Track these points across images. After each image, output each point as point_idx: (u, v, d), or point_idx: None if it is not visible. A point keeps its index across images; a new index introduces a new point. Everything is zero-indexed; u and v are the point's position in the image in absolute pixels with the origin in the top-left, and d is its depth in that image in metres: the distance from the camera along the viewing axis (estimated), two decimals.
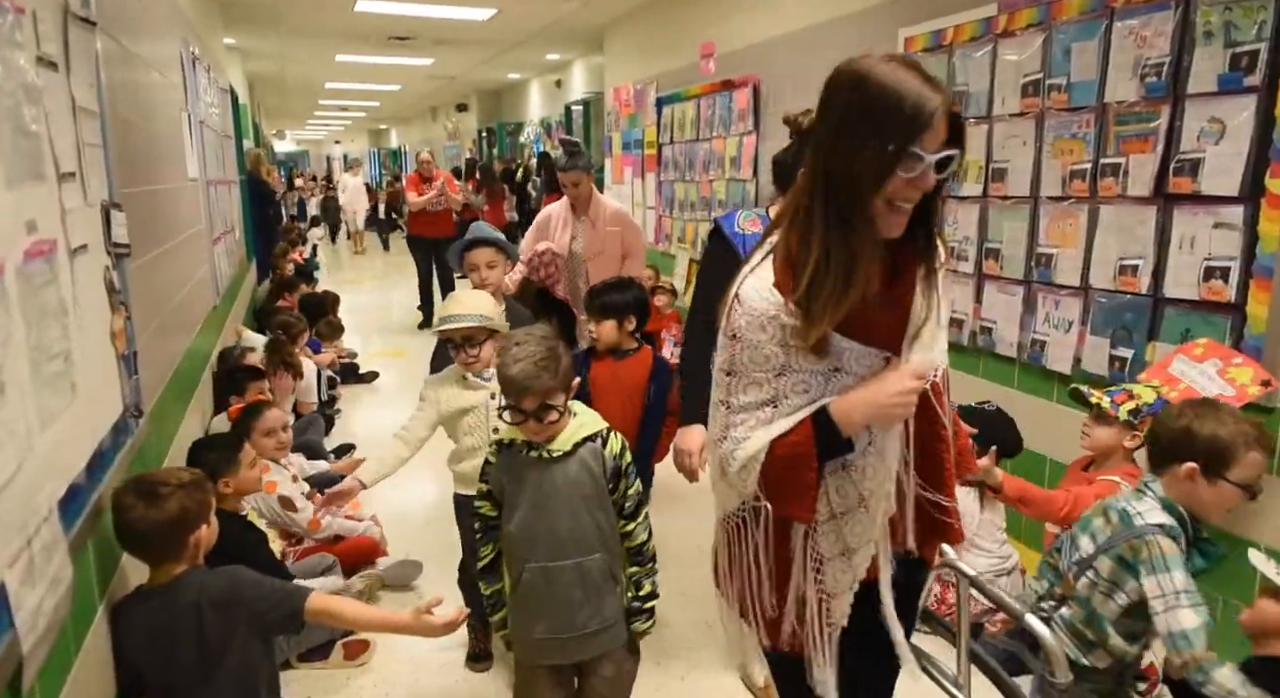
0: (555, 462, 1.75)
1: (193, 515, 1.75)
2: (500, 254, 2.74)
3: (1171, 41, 2.48)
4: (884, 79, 1.17)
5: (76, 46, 1.77)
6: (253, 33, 8.06)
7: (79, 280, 1.63)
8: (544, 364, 1.68)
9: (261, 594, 1.75)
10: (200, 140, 4.27)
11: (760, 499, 1.29)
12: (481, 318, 2.25)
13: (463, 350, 2.27)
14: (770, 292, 1.23)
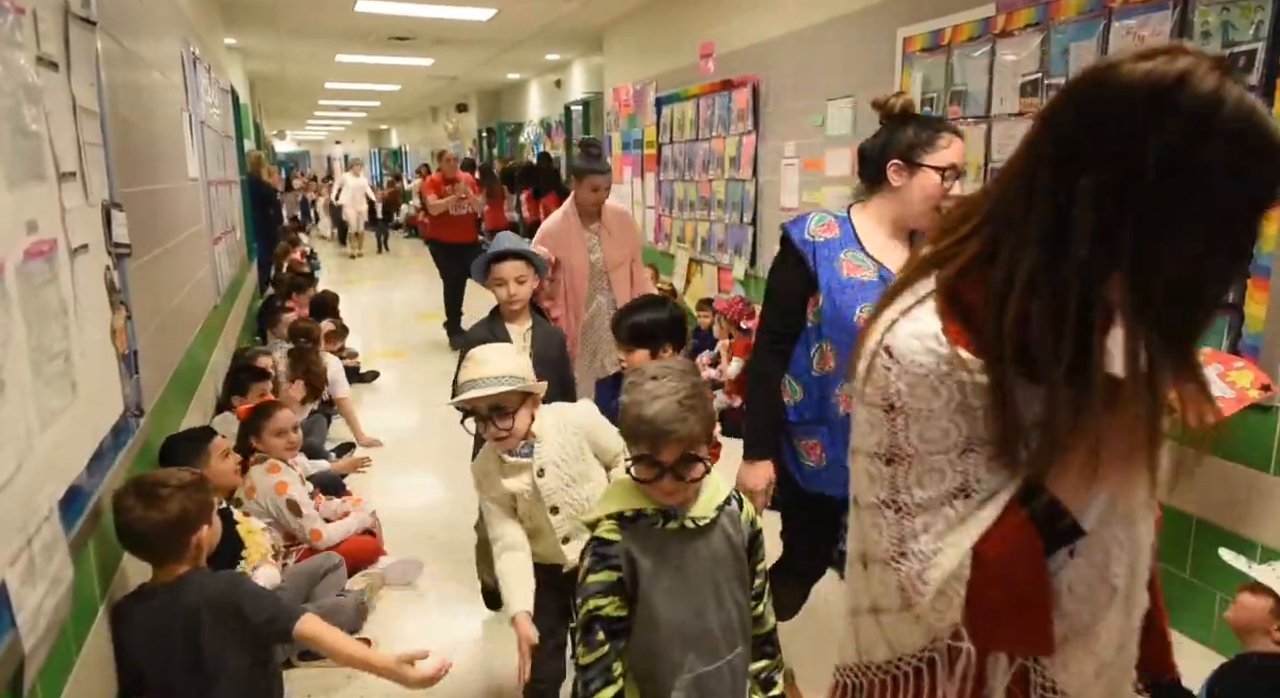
0: (699, 534, 1.41)
1: (193, 516, 1.76)
2: (530, 267, 2.50)
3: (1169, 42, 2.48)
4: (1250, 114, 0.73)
5: (77, 46, 1.77)
6: (253, 33, 8.07)
7: (79, 280, 1.64)
8: (690, 403, 1.34)
9: (257, 607, 1.74)
10: (201, 140, 4.28)
11: (962, 637, 0.88)
12: (511, 380, 1.78)
13: (491, 423, 1.79)
14: (938, 341, 0.86)
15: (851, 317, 1.75)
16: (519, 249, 2.53)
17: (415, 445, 4.58)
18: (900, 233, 1.85)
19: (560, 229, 3.47)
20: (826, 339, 1.81)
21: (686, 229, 6.30)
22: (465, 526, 3.54)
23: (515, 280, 2.46)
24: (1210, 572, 2.50)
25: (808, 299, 1.84)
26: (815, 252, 1.82)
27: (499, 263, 2.47)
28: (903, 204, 1.80)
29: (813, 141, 4.55)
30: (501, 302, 2.50)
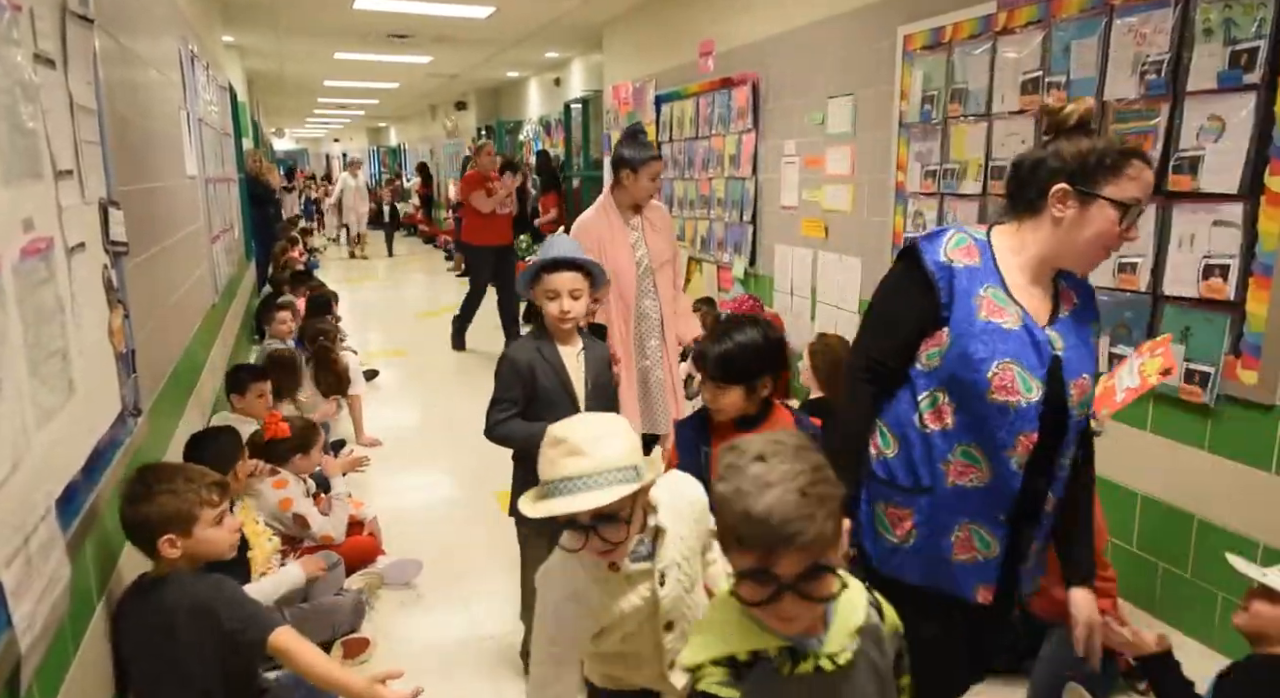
0: (840, 676, 1.06)
1: (172, 520, 1.72)
2: (587, 279, 2.13)
3: (1171, 39, 2.48)
4: None
5: (74, 44, 1.76)
6: (251, 30, 8.05)
7: (76, 278, 1.63)
8: (816, 493, 0.98)
9: (234, 614, 1.72)
10: (199, 138, 4.27)
11: None
12: (627, 475, 1.27)
13: (595, 536, 1.29)
14: None
15: (985, 372, 1.41)
16: (576, 257, 2.12)
17: (415, 445, 4.58)
18: (1046, 273, 1.50)
19: (600, 225, 3.07)
20: (944, 390, 1.47)
21: (686, 227, 6.29)
22: (464, 525, 3.54)
23: (570, 295, 2.08)
24: (1211, 572, 2.49)
25: (926, 333, 1.48)
26: (952, 280, 1.45)
27: (551, 273, 2.09)
28: (1062, 240, 1.44)
29: (813, 140, 4.54)
30: (551, 318, 2.11)
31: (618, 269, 2.97)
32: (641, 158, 3.01)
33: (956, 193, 3.39)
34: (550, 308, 2.11)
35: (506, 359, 2.14)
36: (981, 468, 1.46)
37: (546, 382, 2.12)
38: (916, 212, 3.68)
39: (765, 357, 1.88)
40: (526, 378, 2.11)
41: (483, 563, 3.18)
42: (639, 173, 3.01)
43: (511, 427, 2.11)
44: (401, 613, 2.84)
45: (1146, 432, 2.67)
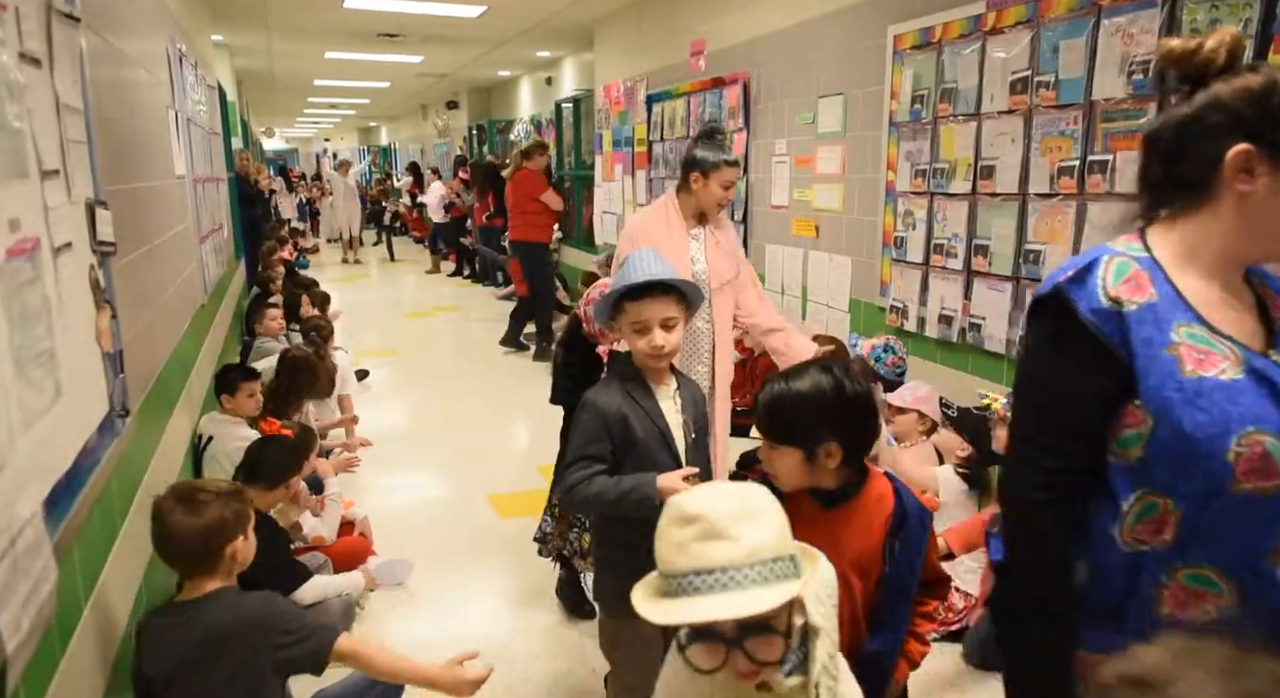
0: None
1: (230, 525, 1.74)
2: (683, 306, 1.76)
3: (1158, 39, 2.49)
4: None
5: (60, 43, 1.75)
6: (241, 29, 8.02)
7: (63, 278, 1.62)
8: None
9: (290, 628, 1.70)
10: (187, 137, 4.24)
11: None
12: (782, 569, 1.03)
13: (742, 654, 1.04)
14: None
15: (1222, 451, 0.98)
16: (672, 279, 1.71)
17: (405, 445, 4.57)
18: (1236, 276, 1.09)
19: (658, 225, 2.75)
20: (1161, 492, 1.03)
21: None
22: (455, 526, 3.54)
23: (663, 326, 1.71)
24: None
25: (1112, 412, 1.06)
26: (1128, 330, 1.03)
27: (637, 300, 1.70)
28: (1257, 223, 1.03)
29: (804, 139, 4.55)
30: (641, 355, 1.75)
31: None
32: (714, 161, 2.69)
33: (946, 192, 3.41)
34: (639, 344, 1.73)
35: (591, 408, 1.76)
36: (1224, 594, 1.02)
37: (643, 432, 1.75)
38: (906, 211, 3.69)
39: (832, 414, 1.38)
40: (617, 430, 1.74)
41: (474, 564, 3.18)
42: (709, 178, 2.71)
43: (599, 485, 1.71)
44: (392, 614, 2.84)
45: None
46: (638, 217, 2.91)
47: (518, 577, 3.06)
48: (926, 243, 3.56)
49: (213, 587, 1.73)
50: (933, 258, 3.53)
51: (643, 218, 2.87)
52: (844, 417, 1.39)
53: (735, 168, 2.75)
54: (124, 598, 1.97)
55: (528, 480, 3.99)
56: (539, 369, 6.20)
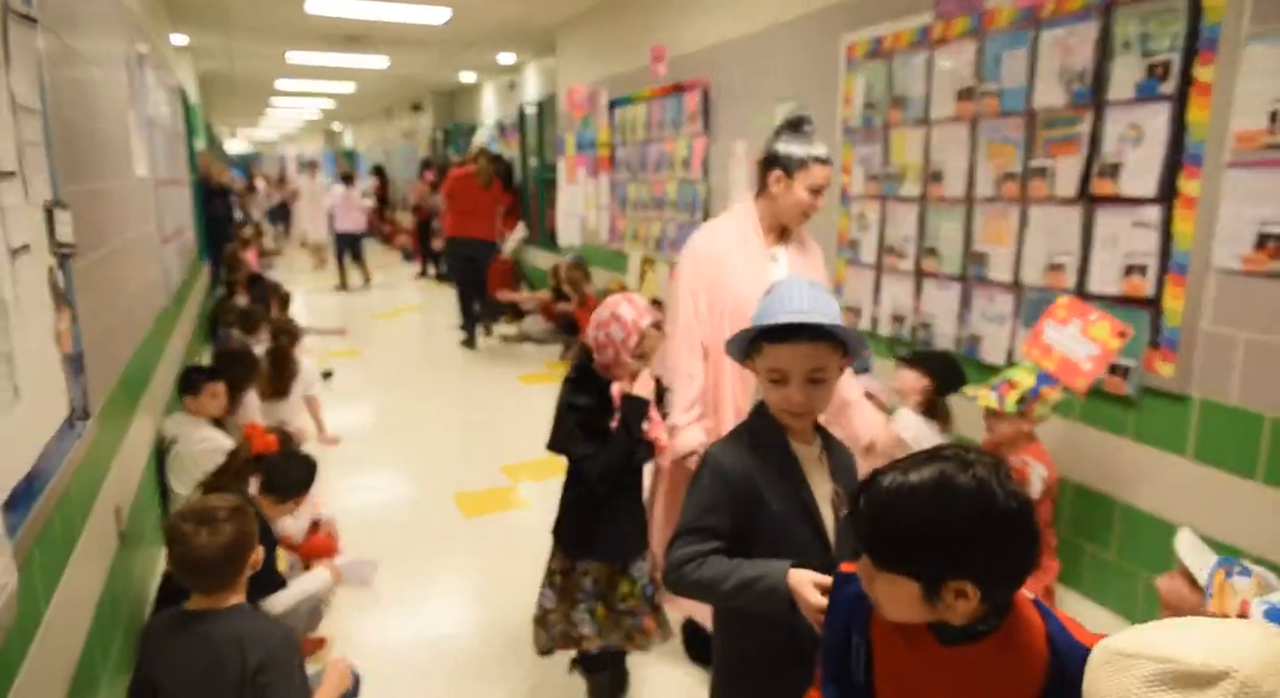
0: None
1: (249, 539, 1.79)
2: (838, 355, 1.40)
3: (1093, 51, 2.61)
4: None
5: (16, 44, 1.76)
6: (201, 31, 7.93)
7: (21, 280, 1.63)
8: None
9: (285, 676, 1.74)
10: (149, 139, 4.21)
11: None
12: None
13: None
14: None
15: None
16: (826, 323, 1.36)
17: (370, 445, 4.57)
18: None
19: (730, 239, 2.29)
20: None
21: (639, 228, 6.36)
22: (420, 524, 3.56)
23: (808, 378, 1.37)
24: (1133, 552, 2.63)
25: None
26: None
27: (781, 343, 1.38)
28: None
29: (761, 143, 4.63)
30: (777, 408, 1.43)
31: (738, 308, 2.14)
32: (799, 158, 2.19)
33: (897, 196, 3.51)
34: (774, 397, 1.42)
35: (714, 468, 1.43)
36: None
37: (779, 504, 1.41)
38: (860, 214, 3.79)
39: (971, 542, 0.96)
40: (744, 499, 1.40)
41: (440, 563, 3.21)
42: (794, 179, 2.19)
43: (715, 568, 1.35)
44: (357, 613, 2.85)
45: (1075, 421, 2.80)
46: (708, 226, 2.38)
47: (483, 576, 3.09)
48: (879, 245, 3.66)
49: (231, 601, 1.77)
50: (885, 259, 3.63)
51: (713, 229, 2.35)
52: (988, 546, 0.95)
53: (826, 166, 2.21)
54: (86, 603, 1.98)
55: (492, 480, 4.02)
56: (503, 369, 6.22)
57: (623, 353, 2.02)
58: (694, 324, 2.29)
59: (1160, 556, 2.54)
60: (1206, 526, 2.37)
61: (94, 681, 1.95)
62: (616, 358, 2.03)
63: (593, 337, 2.05)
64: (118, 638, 2.23)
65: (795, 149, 2.22)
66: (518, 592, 2.96)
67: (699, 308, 2.29)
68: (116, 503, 2.39)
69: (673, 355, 2.30)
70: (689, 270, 2.30)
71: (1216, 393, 2.36)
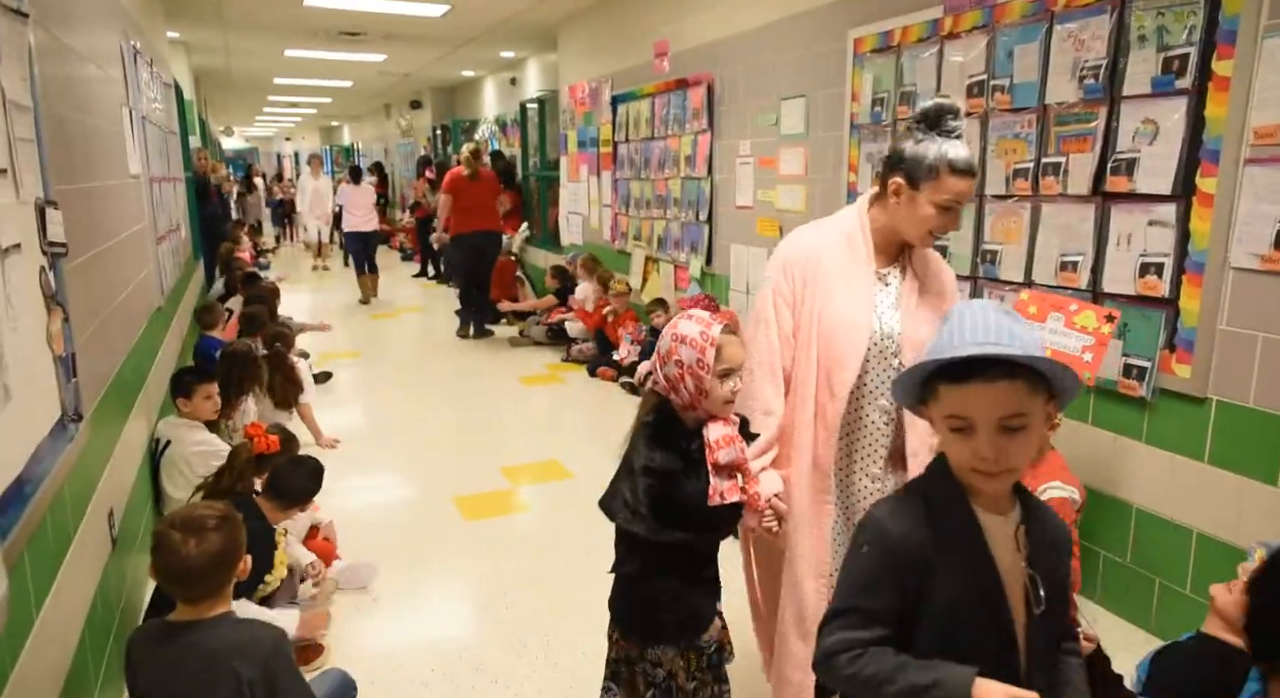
0: None
1: (237, 548, 1.75)
2: (1042, 397, 1.10)
3: (1108, 45, 2.56)
4: None
5: (7, 39, 1.71)
6: (197, 26, 7.87)
7: (11, 281, 1.58)
8: None
9: (287, 676, 1.71)
10: (143, 136, 4.16)
11: None
12: None
13: None
14: None
15: None
16: (1025, 356, 1.06)
17: (369, 447, 4.52)
18: None
19: (831, 249, 1.85)
20: None
21: (643, 227, 6.31)
22: (419, 527, 3.51)
23: (1001, 427, 1.07)
24: (1148, 559, 2.58)
25: None
26: None
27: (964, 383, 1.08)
28: None
29: (767, 140, 4.59)
30: (961, 466, 1.12)
31: (831, 334, 1.79)
32: (931, 163, 1.70)
33: None
34: (956, 451, 1.11)
35: (878, 537, 1.16)
36: None
37: (958, 588, 1.12)
38: None
39: None
40: (914, 578, 1.12)
41: (439, 566, 3.16)
42: (921, 189, 1.72)
43: (877, 665, 1.11)
44: (356, 617, 2.81)
45: (1088, 425, 2.75)
46: (806, 231, 1.93)
47: (483, 580, 3.05)
48: None
49: (217, 611, 1.72)
50: None
51: (811, 234, 1.91)
52: None
53: (966, 178, 1.70)
54: (79, 606, 1.94)
55: (492, 482, 3.98)
56: (504, 371, 6.18)
57: (705, 378, 1.55)
58: (776, 347, 1.85)
59: (1176, 562, 2.50)
60: (1224, 532, 2.33)
61: (85, 686, 1.91)
62: (699, 387, 1.56)
63: (661, 376, 1.60)
64: (109, 644, 2.18)
65: (928, 151, 1.71)
66: (517, 595, 2.91)
67: (783, 328, 1.85)
68: (109, 506, 2.35)
69: (748, 383, 1.81)
70: (778, 282, 1.86)
71: (1235, 395, 2.31)
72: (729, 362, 1.58)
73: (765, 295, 1.88)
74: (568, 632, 2.68)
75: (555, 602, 2.87)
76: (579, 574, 3.05)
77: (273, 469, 2.73)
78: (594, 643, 2.60)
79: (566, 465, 4.17)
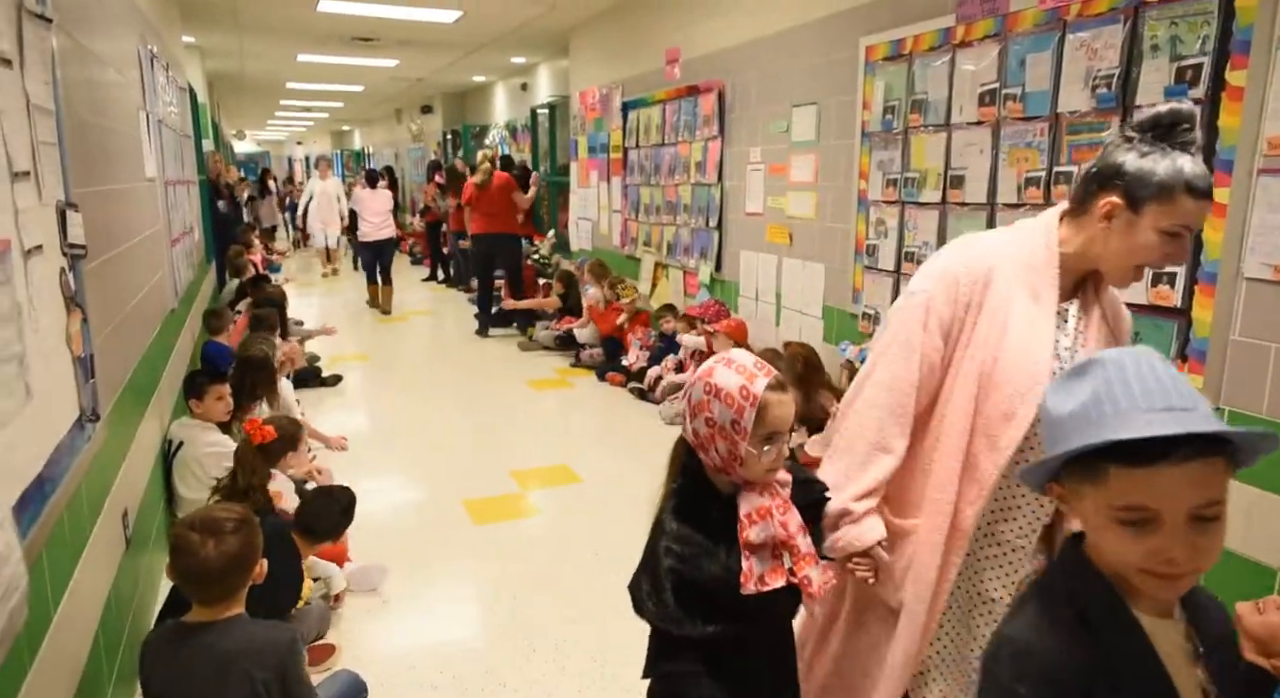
0: None
1: (253, 551, 1.77)
2: (1229, 465, 0.86)
3: (1121, 54, 2.56)
4: None
5: (32, 44, 1.74)
6: (212, 31, 7.94)
7: (33, 282, 1.60)
8: None
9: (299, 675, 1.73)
10: (159, 139, 4.20)
11: None
12: None
13: None
14: None
15: None
16: (1227, 430, 0.83)
17: (379, 450, 4.54)
18: None
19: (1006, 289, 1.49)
20: None
21: (653, 233, 6.33)
22: (428, 530, 3.52)
23: (1192, 519, 0.85)
24: None
25: None
26: None
27: (1151, 465, 0.84)
28: None
29: (777, 147, 4.60)
30: (1133, 567, 0.89)
31: (1004, 379, 1.45)
32: (1163, 181, 1.37)
33: (917, 201, 3.46)
34: (1128, 547, 0.88)
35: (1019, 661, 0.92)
36: None
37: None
38: (878, 219, 3.75)
39: None
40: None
41: (448, 570, 3.17)
42: (1143, 212, 1.40)
43: None
44: (367, 619, 2.82)
45: None
46: (977, 242, 1.57)
47: (492, 583, 3.06)
48: (898, 251, 3.62)
49: (231, 612, 1.74)
50: (904, 266, 3.58)
51: (985, 247, 1.54)
52: None
53: (1204, 201, 1.38)
54: (93, 605, 1.95)
55: (501, 486, 3.99)
56: (512, 375, 6.19)
57: (739, 443, 1.29)
58: (915, 379, 1.51)
59: None
60: (1238, 547, 2.32)
61: (99, 685, 1.92)
62: (732, 453, 1.30)
63: (690, 430, 1.36)
64: (123, 643, 2.20)
65: (1157, 166, 1.37)
66: (527, 599, 2.92)
67: (930, 357, 1.51)
68: (124, 506, 2.37)
69: (861, 412, 1.56)
70: (935, 297, 1.50)
71: (1247, 405, 2.30)
72: (773, 425, 1.30)
73: (912, 311, 1.52)
74: (577, 636, 2.69)
75: (564, 606, 2.88)
76: (588, 578, 3.06)
77: (302, 503, 2.75)
78: (603, 647, 2.61)
79: (576, 470, 4.18)
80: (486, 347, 7.25)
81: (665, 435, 4.70)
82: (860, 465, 1.53)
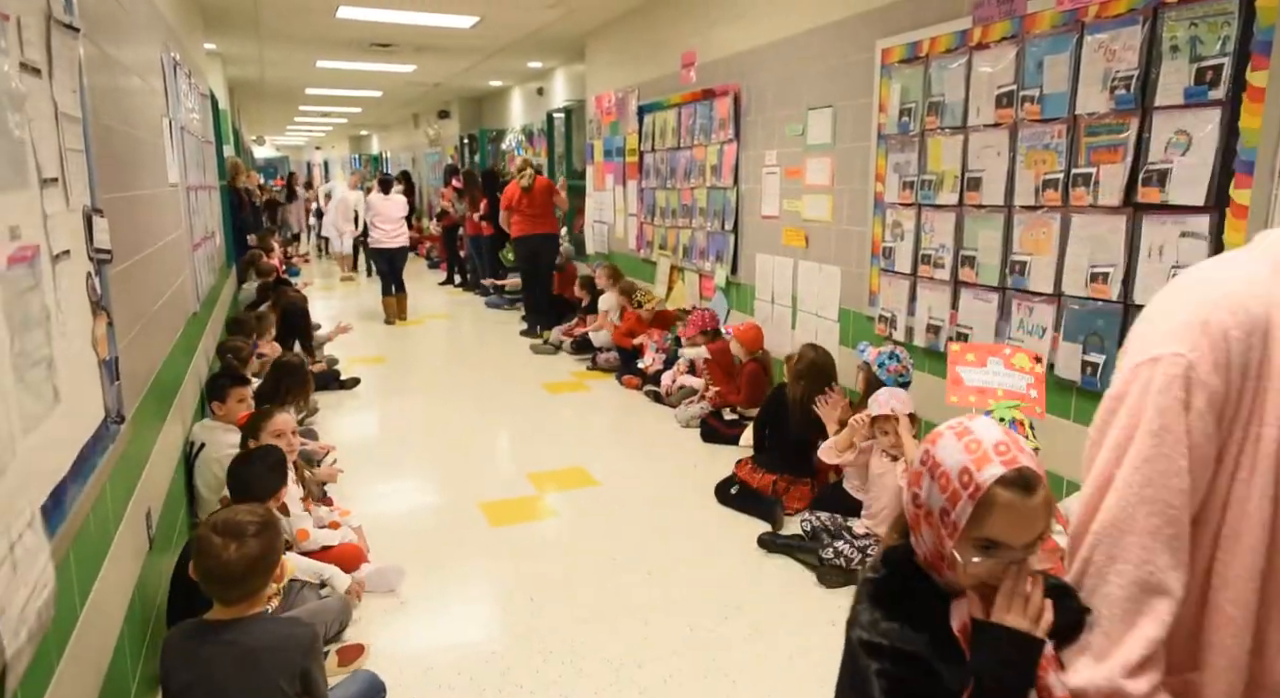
0: None
1: (274, 554, 1.80)
2: None
3: (1139, 55, 2.55)
4: None
5: (59, 52, 1.77)
6: (233, 38, 8.04)
7: (61, 286, 1.64)
8: None
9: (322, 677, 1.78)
10: (181, 146, 4.25)
11: None
12: None
13: None
14: None
15: None
16: None
17: (397, 452, 4.57)
18: None
19: (1275, 331, 0.95)
20: None
21: (669, 236, 6.34)
22: (445, 532, 3.54)
23: None
24: None
25: None
26: None
27: None
28: None
29: (793, 150, 4.60)
30: None
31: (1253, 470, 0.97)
32: None
33: (934, 203, 3.45)
34: None
35: None
36: None
37: None
38: (895, 222, 3.74)
39: None
40: None
41: (466, 571, 3.19)
42: None
43: None
44: (384, 620, 2.84)
45: None
46: (1226, 282, 1.00)
47: (508, 584, 3.07)
48: (914, 253, 3.60)
49: (253, 610, 1.77)
50: (920, 268, 3.57)
51: (1245, 291, 0.98)
52: None
53: None
54: (118, 604, 1.98)
55: (518, 488, 4.00)
56: (528, 378, 6.21)
57: (946, 540, 1.05)
58: (1185, 484, 0.98)
59: None
60: None
61: (124, 682, 1.95)
62: (938, 547, 1.07)
63: (907, 502, 1.13)
64: (146, 642, 2.23)
65: None
66: (543, 601, 2.93)
67: (1201, 448, 0.98)
68: (148, 507, 2.40)
69: (1112, 541, 1.02)
70: (1192, 363, 0.97)
71: None
72: (998, 534, 1.01)
73: (1165, 385, 0.98)
74: (593, 638, 2.70)
75: (581, 608, 2.89)
76: (604, 581, 3.07)
77: (230, 473, 2.67)
78: (619, 650, 2.62)
79: (592, 473, 4.19)
80: (503, 350, 7.28)
81: (681, 438, 4.70)
82: (1122, 618, 1.01)
